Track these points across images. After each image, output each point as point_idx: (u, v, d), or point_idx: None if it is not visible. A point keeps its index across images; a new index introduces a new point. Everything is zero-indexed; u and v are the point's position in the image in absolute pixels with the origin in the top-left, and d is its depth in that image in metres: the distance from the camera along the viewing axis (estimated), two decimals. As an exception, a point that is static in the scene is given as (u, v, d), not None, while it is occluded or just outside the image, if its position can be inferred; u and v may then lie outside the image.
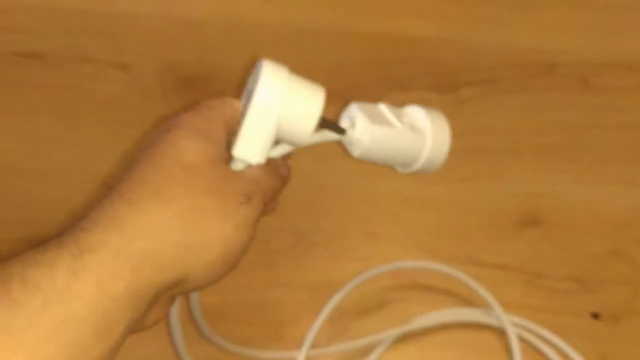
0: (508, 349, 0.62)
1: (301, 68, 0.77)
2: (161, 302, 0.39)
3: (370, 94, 0.75)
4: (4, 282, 0.34)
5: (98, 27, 0.78)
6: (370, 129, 0.44)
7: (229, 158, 0.42)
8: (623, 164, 0.72)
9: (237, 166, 0.41)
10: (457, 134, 0.73)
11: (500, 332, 0.63)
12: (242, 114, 0.41)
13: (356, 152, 0.46)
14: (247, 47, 0.78)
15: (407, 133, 0.47)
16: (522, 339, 0.63)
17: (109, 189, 0.39)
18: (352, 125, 0.46)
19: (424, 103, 0.74)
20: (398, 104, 0.75)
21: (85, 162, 0.72)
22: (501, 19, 0.78)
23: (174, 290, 0.38)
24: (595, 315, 0.65)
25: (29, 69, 0.76)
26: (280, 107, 0.40)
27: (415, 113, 0.49)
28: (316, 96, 0.41)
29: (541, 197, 0.70)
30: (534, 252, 0.68)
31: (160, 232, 0.37)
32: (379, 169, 0.72)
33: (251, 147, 0.40)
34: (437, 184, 0.71)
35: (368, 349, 0.63)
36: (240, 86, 0.74)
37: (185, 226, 0.37)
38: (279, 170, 0.44)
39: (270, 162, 0.43)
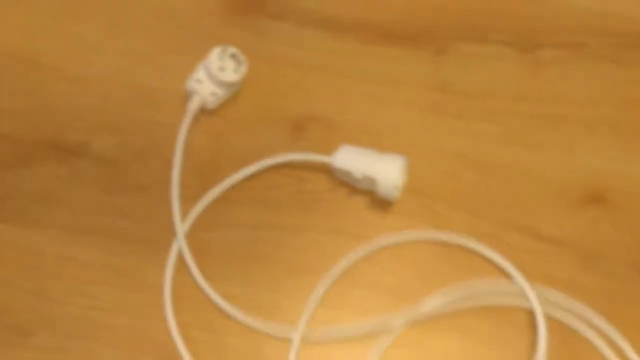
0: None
1: (374, 4, 0.72)
2: None
3: (442, 41, 0.70)
4: None
5: None
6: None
7: None
8: None
9: None
10: (532, 99, 0.68)
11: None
12: None
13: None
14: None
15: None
16: (563, 323, 0.58)
17: None
18: None
19: (500, 59, 0.70)
20: (472, 55, 0.69)
21: (125, 73, 0.69)
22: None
23: None
24: (657, 309, 0.58)
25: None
26: None
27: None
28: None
29: (612, 174, 0.63)
30: (594, 232, 0.61)
31: None
32: (442, 126, 0.66)
33: None
34: (503, 148, 0.65)
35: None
36: (299, 13, 0.69)
37: None
38: None
39: None
